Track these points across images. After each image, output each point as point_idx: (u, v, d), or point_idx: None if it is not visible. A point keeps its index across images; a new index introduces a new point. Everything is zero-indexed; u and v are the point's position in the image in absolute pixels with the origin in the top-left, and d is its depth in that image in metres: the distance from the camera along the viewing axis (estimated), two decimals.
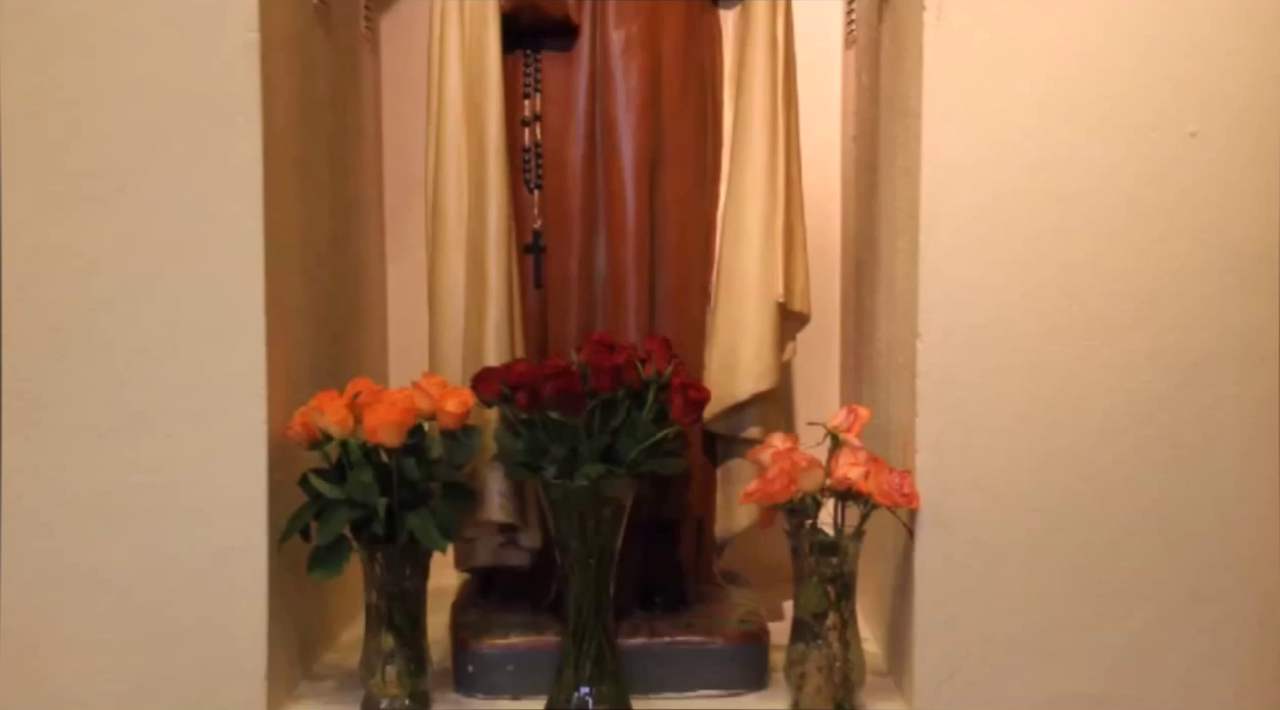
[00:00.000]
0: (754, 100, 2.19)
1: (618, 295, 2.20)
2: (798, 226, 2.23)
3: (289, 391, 2.02)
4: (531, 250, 2.21)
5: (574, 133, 2.20)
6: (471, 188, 2.16)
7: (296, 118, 2.10)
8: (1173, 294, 1.94)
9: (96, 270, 1.92)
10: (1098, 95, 1.92)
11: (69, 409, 1.93)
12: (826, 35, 2.69)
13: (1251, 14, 1.91)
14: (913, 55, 1.97)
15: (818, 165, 2.59)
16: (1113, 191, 1.93)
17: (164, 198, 1.91)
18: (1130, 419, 1.95)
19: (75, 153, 1.91)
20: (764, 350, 2.18)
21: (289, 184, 2.06)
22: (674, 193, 2.22)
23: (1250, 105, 1.92)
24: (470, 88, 2.16)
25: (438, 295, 2.20)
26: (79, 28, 1.90)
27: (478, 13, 2.15)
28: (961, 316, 1.95)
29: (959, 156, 1.93)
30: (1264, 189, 1.93)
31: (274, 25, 1.96)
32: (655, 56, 2.19)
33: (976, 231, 1.94)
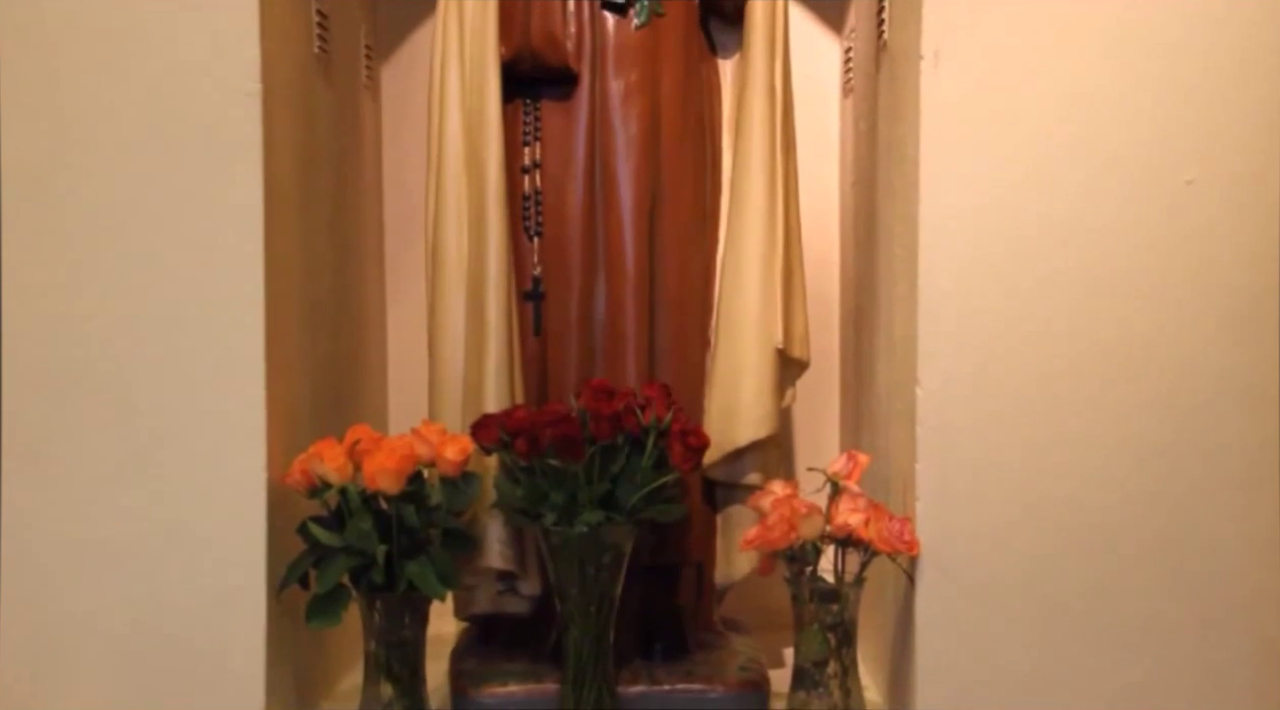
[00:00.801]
0: (753, 147, 2.20)
1: (617, 341, 2.21)
2: (797, 273, 2.24)
3: (288, 438, 2.02)
4: (531, 297, 2.22)
5: (573, 180, 2.21)
6: (471, 235, 2.17)
7: (297, 166, 2.12)
8: (1171, 340, 1.94)
9: (97, 317, 1.92)
10: (1095, 143, 1.93)
11: (69, 454, 1.93)
12: (824, 83, 2.70)
13: (1247, 62, 1.92)
14: (910, 103, 1.99)
15: (817, 212, 2.60)
16: (1110, 238, 1.93)
17: (165, 244, 1.92)
18: (1130, 465, 1.95)
19: (77, 200, 1.92)
20: (763, 396, 2.18)
21: (290, 231, 2.07)
22: (673, 239, 2.23)
23: (1246, 153, 1.93)
24: (470, 135, 2.17)
25: (438, 341, 2.20)
26: (83, 75, 1.91)
27: (478, 61, 2.16)
28: (961, 363, 1.95)
29: (957, 203, 1.94)
30: (1261, 235, 1.93)
31: (275, 75, 1.97)
32: (654, 105, 2.21)
33: (975, 278, 1.94)
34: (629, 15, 2.20)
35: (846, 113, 2.64)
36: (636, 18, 2.20)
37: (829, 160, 2.71)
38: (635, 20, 2.20)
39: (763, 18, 2.20)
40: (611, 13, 2.20)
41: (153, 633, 1.94)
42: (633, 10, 2.20)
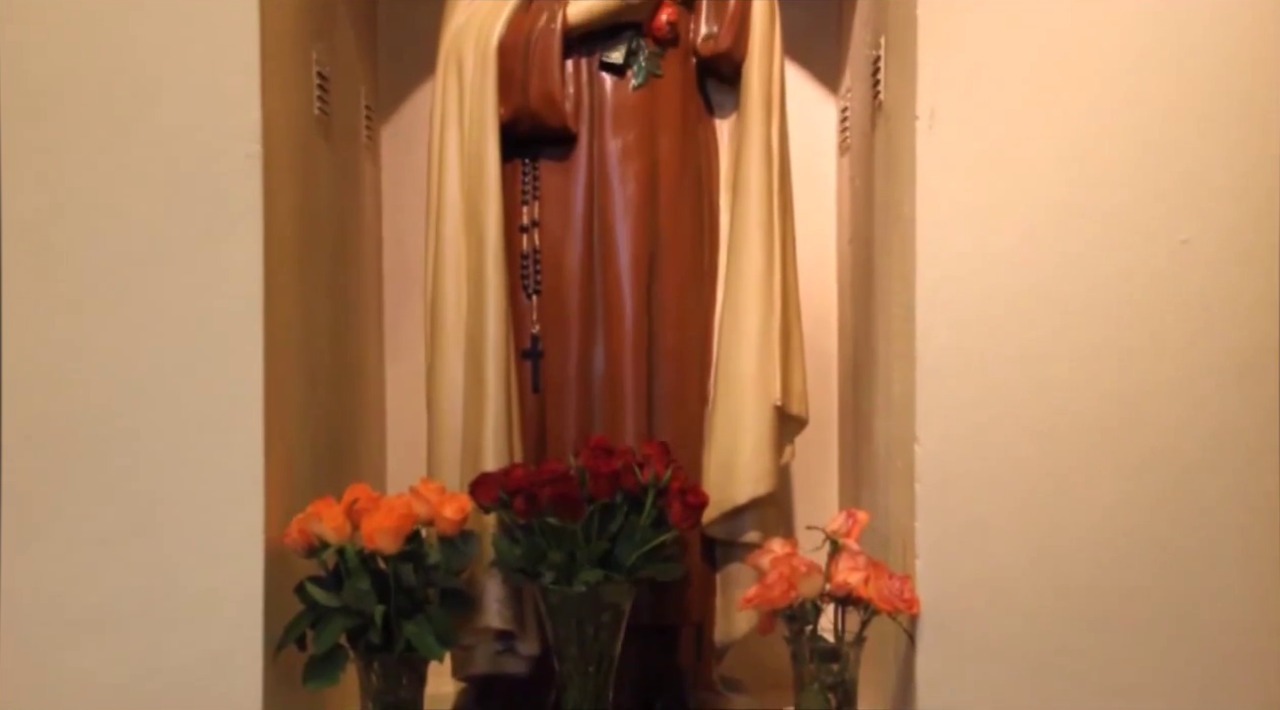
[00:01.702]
0: (750, 206, 2.21)
1: (616, 399, 2.21)
2: (795, 330, 2.24)
3: (287, 497, 2.02)
4: (530, 355, 2.22)
5: (572, 238, 2.22)
6: (470, 293, 2.18)
7: (297, 225, 2.13)
8: (1169, 397, 1.94)
9: (96, 376, 1.92)
10: (1089, 202, 1.94)
11: (66, 513, 1.92)
12: (821, 142, 2.72)
13: (1240, 122, 1.94)
14: (905, 162, 2.00)
15: (814, 269, 2.61)
16: (1106, 297, 1.94)
17: (165, 305, 1.92)
18: (1130, 522, 1.95)
19: (77, 259, 1.92)
20: (762, 453, 2.18)
21: (289, 291, 2.08)
22: (671, 297, 2.24)
23: (1241, 213, 1.94)
24: (469, 195, 2.19)
25: (436, 400, 2.21)
26: (85, 135, 1.92)
27: (477, 122, 2.18)
28: (959, 420, 1.95)
29: (953, 262, 1.95)
30: (1258, 294, 1.94)
31: (276, 137, 1.98)
32: (652, 164, 2.23)
33: (972, 336, 1.95)
34: (627, 76, 2.22)
35: (843, 171, 2.66)
36: (634, 79, 2.22)
37: (826, 218, 2.72)
38: (633, 81, 2.22)
39: (759, 78, 2.23)
40: (609, 74, 2.23)
41: (149, 694, 1.92)
42: (630, 71, 2.22)
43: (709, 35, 2.27)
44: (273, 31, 1.97)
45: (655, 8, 2.22)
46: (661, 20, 2.23)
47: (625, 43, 2.22)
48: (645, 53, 2.23)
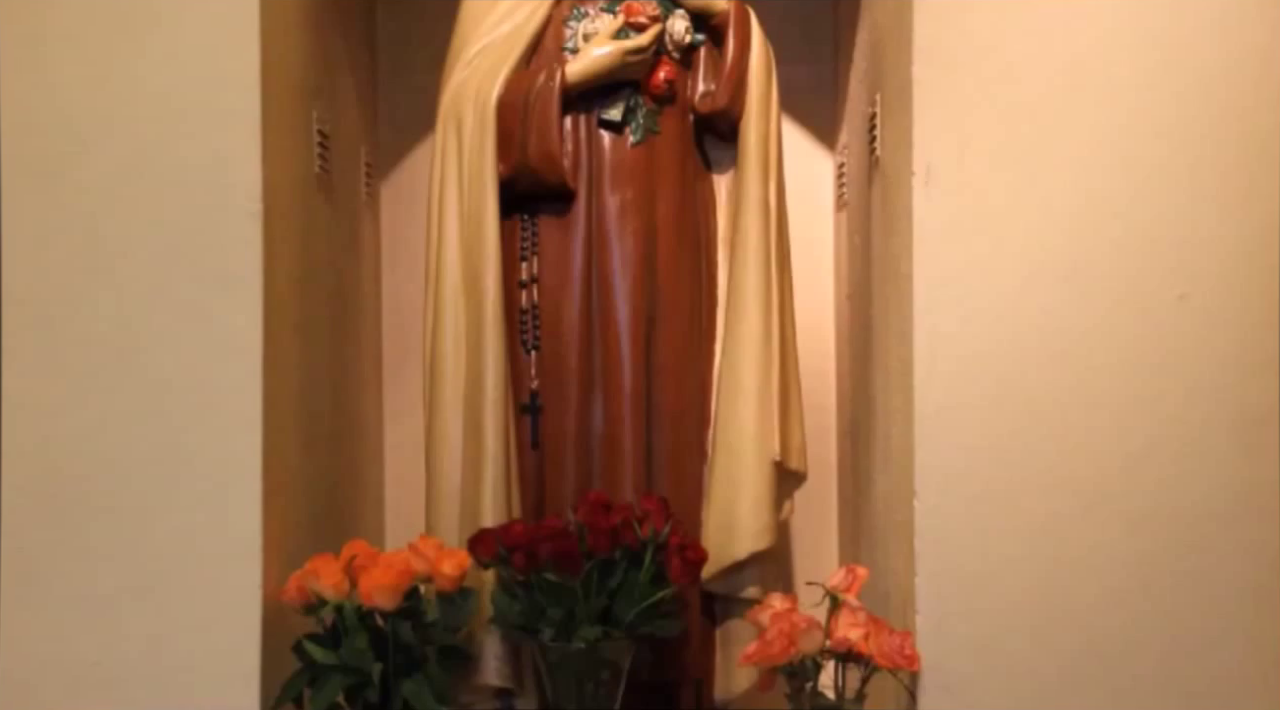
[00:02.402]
0: (748, 261, 2.22)
1: (614, 454, 2.21)
2: (793, 385, 2.25)
3: (285, 554, 2.01)
4: (529, 410, 2.22)
5: (571, 295, 2.23)
6: (469, 349, 2.18)
7: (297, 282, 2.13)
8: (1168, 453, 1.94)
9: (95, 434, 1.93)
10: (1086, 258, 1.95)
11: (66, 576, 1.92)
12: (818, 198, 2.74)
13: (1235, 178, 1.95)
14: (902, 218, 2.01)
15: (812, 324, 2.62)
16: (1103, 353, 1.95)
17: (164, 363, 1.93)
18: (1130, 579, 1.94)
19: (77, 318, 1.93)
20: (761, 509, 2.18)
21: (288, 347, 2.08)
22: (670, 352, 2.24)
23: (1238, 267, 1.95)
24: (468, 251, 2.20)
25: (435, 456, 2.20)
26: (85, 195, 1.93)
27: (476, 179, 2.19)
28: (957, 476, 1.95)
29: (950, 317, 1.95)
30: (1257, 349, 1.94)
31: (276, 195, 2.00)
32: (650, 220, 2.24)
33: (970, 391, 1.95)
34: (625, 133, 2.24)
35: (840, 227, 2.67)
36: (632, 136, 2.24)
37: (824, 273, 2.73)
38: (631, 138, 2.24)
39: (756, 135, 2.24)
40: (608, 131, 2.24)
41: None
42: (629, 129, 2.23)
43: (707, 93, 2.29)
44: (274, 90, 1.98)
45: (653, 66, 2.24)
46: (659, 78, 2.25)
47: (623, 100, 2.24)
48: (643, 110, 2.24)
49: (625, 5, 2.22)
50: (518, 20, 2.24)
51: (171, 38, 1.93)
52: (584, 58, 2.20)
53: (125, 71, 1.93)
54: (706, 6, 2.27)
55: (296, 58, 2.15)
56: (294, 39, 2.13)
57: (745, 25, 2.26)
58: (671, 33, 2.25)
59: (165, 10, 1.93)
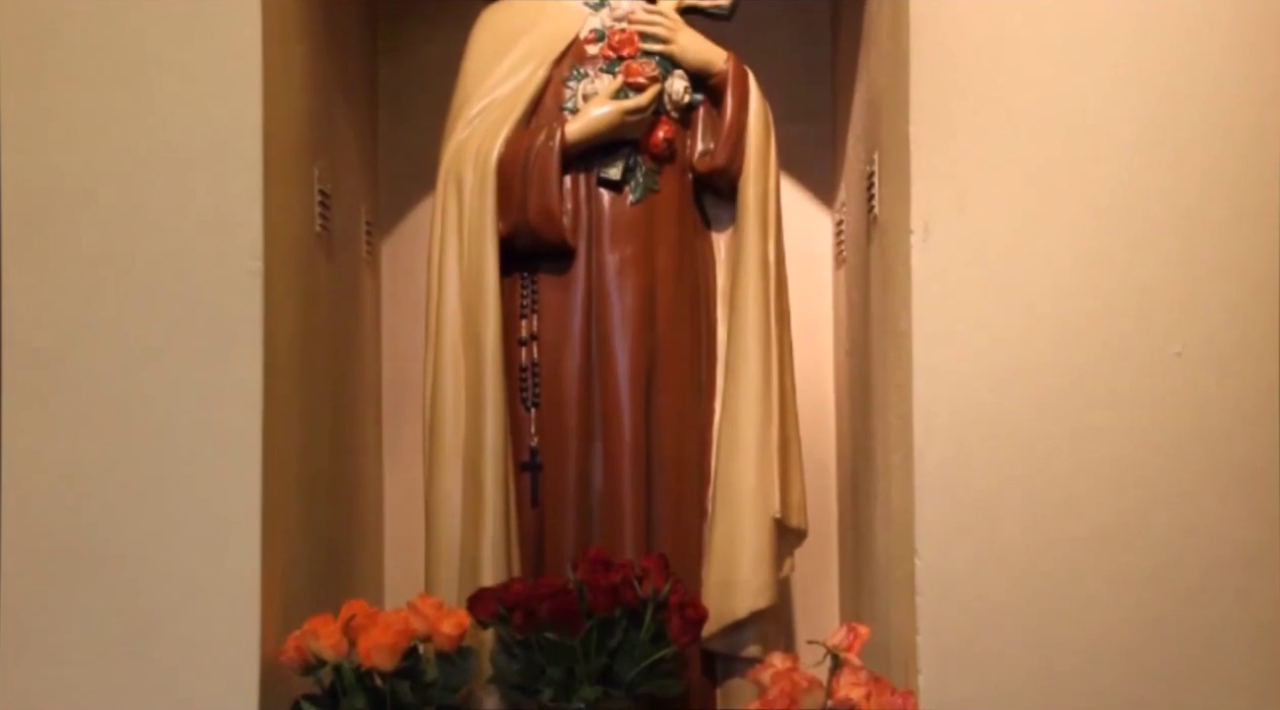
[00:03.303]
0: (747, 318, 2.23)
1: (614, 511, 2.21)
2: (793, 442, 2.25)
3: (284, 613, 2.00)
4: (528, 468, 2.22)
5: (570, 352, 2.24)
6: (469, 407, 2.19)
7: (297, 341, 2.14)
8: (1167, 510, 1.94)
9: (94, 490, 1.92)
10: (1083, 315, 1.95)
11: (62, 630, 1.91)
12: (817, 255, 2.75)
13: (1231, 233, 1.96)
14: (901, 275, 2.02)
15: (812, 381, 2.62)
16: (1101, 408, 1.95)
17: (165, 419, 1.93)
18: (1132, 637, 1.93)
19: (77, 375, 1.93)
20: (761, 567, 2.17)
21: (289, 406, 2.08)
22: (669, 410, 2.24)
23: (1234, 325, 1.95)
24: (468, 309, 2.20)
25: (434, 513, 2.20)
26: (87, 253, 1.94)
27: (476, 237, 2.20)
28: (958, 533, 1.94)
29: (949, 374, 1.96)
30: (1253, 405, 1.95)
31: (277, 253, 2.00)
32: (649, 277, 2.25)
33: (970, 449, 1.95)
34: (624, 192, 2.25)
35: (839, 284, 2.68)
36: (631, 194, 2.25)
37: (823, 330, 2.74)
38: (630, 196, 2.25)
39: (755, 193, 2.26)
40: (607, 189, 2.25)
41: None
42: (628, 187, 2.25)
43: (705, 151, 2.30)
44: (276, 148, 1.99)
45: (652, 125, 2.26)
46: (658, 137, 2.26)
47: (623, 159, 2.25)
48: (643, 169, 2.26)
49: (624, 66, 2.24)
50: (518, 80, 2.26)
51: (174, 95, 1.94)
52: (584, 117, 2.22)
53: (128, 129, 1.94)
54: (705, 66, 2.29)
55: (298, 116, 2.16)
56: (296, 97, 2.15)
57: (743, 85, 2.28)
58: (670, 92, 2.27)
59: (168, 67, 1.94)
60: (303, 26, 2.19)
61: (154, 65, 1.95)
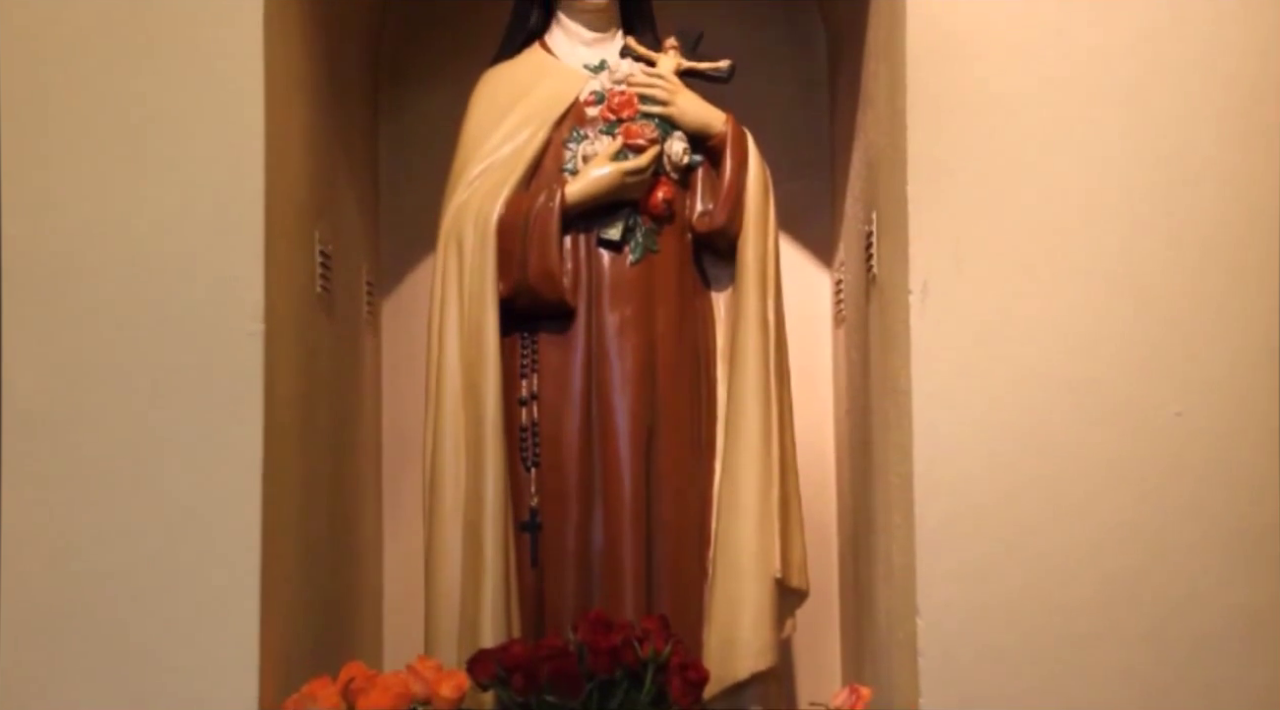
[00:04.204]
0: (747, 377, 2.23)
1: (615, 572, 2.20)
2: (794, 501, 2.24)
3: (282, 676, 1.99)
4: (528, 528, 2.22)
5: (570, 411, 2.24)
6: (469, 466, 2.18)
7: (297, 402, 2.14)
8: (1170, 573, 1.93)
9: (93, 551, 1.92)
10: (1082, 375, 1.96)
11: (61, 692, 1.90)
12: (816, 314, 2.75)
13: (1231, 294, 1.97)
14: (900, 334, 2.02)
15: (812, 440, 2.62)
16: (1102, 469, 1.95)
17: (164, 481, 1.93)
18: (1133, 698, 1.92)
19: (77, 436, 1.93)
20: (762, 627, 2.16)
21: (289, 465, 2.08)
22: (670, 470, 2.24)
23: (1234, 386, 1.95)
24: (469, 369, 2.21)
25: (434, 573, 2.19)
26: (88, 315, 1.95)
27: (476, 297, 2.21)
28: (960, 593, 1.94)
29: (950, 433, 1.96)
30: (1254, 467, 1.95)
31: (278, 314, 2.01)
32: (649, 337, 2.25)
33: (971, 507, 1.95)
34: (624, 252, 2.26)
35: (839, 343, 2.68)
36: (631, 254, 2.26)
37: (823, 389, 2.74)
38: (630, 257, 2.26)
39: (754, 253, 2.27)
40: (607, 249, 2.26)
41: None
42: (628, 247, 2.26)
43: (705, 212, 2.31)
44: (277, 211, 2.01)
45: (651, 186, 2.27)
46: (658, 198, 2.27)
47: (622, 219, 2.26)
48: (642, 229, 2.27)
49: (624, 128, 2.26)
50: (518, 142, 2.27)
51: (177, 157, 1.96)
52: (583, 178, 2.23)
53: (131, 190, 1.96)
54: (704, 128, 2.30)
55: (300, 178, 2.18)
56: (298, 160, 2.16)
57: (742, 146, 2.29)
58: (669, 154, 2.28)
59: (171, 129, 1.96)
60: (305, 89, 2.21)
61: (157, 127, 1.97)
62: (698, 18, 2.40)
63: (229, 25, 1.96)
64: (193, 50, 1.96)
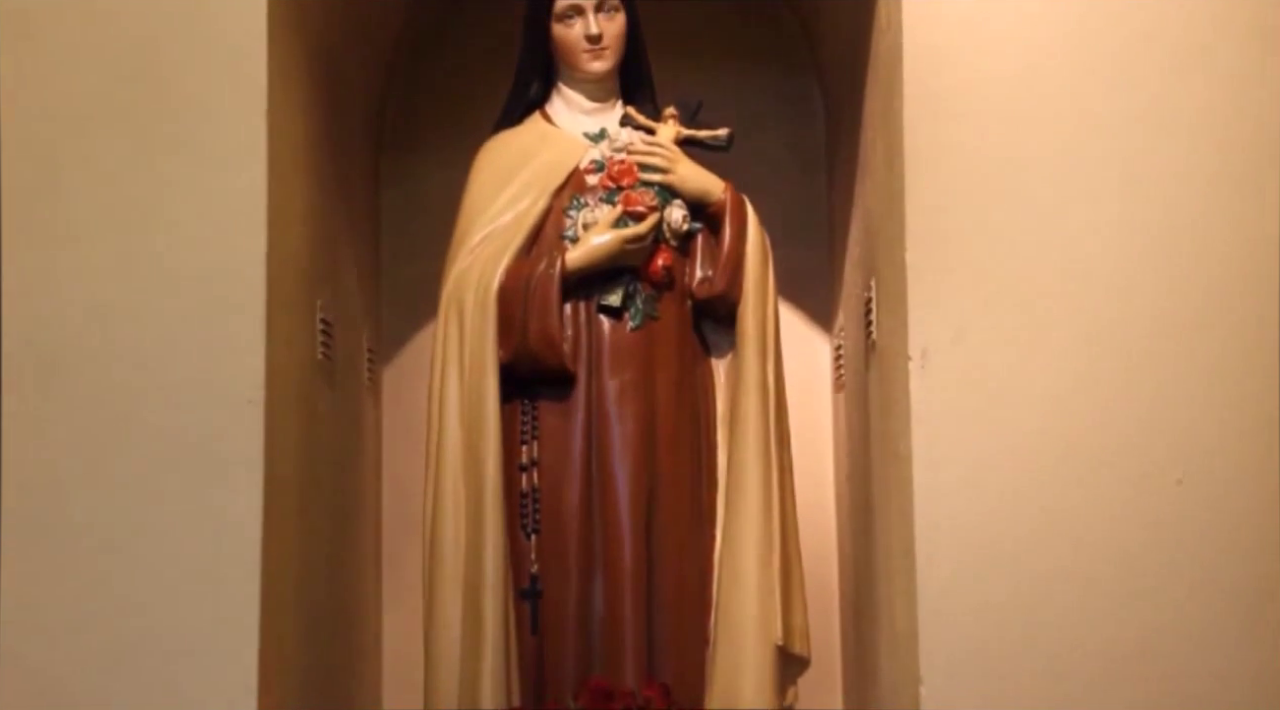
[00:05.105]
0: (747, 443, 2.23)
1: (615, 639, 2.18)
2: (795, 567, 2.24)
3: None
4: (529, 595, 2.21)
5: (571, 477, 2.24)
6: (469, 533, 2.18)
7: (298, 470, 2.14)
8: (1172, 640, 1.92)
9: (91, 622, 1.91)
10: (1083, 442, 1.96)
11: None
12: (816, 380, 2.76)
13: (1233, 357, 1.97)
14: (900, 400, 2.03)
15: (812, 505, 2.61)
16: (1104, 537, 1.94)
17: (163, 548, 1.92)
18: None
19: (75, 501, 1.93)
20: (765, 695, 2.15)
21: (288, 534, 2.07)
22: (670, 536, 2.23)
23: (1235, 454, 1.95)
24: (469, 435, 2.21)
25: (434, 641, 2.18)
26: (89, 382, 1.95)
27: (477, 364, 2.22)
28: (963, 659, 1.92)
29: (950, 499, 1.95)
30: (1256, 533, 1.94)
31: (278, 383, 2.01)
32: (649, 403, 2.25)
33: (973, 574, 1.94)
34: (624, 318, 2.26)
35: (839, 408, 2.69)
36: (631, 321, 2.27)
37: (823, 455, 2.74)
38: (630, 323, 2.27)
39: (754, 319, 2.27)
40: (607, 316, 2.27)
41: None
42: (628, 314, 2.26)
43: (704, 279, 2.32)
44: (279, 280, 2.01)
45: (651, 253, 2.28)
46: (658, 265, 2.28)
47: (623, 286, 2.27)
48: (642, 295, 2.28)
49: (624, 196, 2.27)
50: (519, 210, 2.29)
51: (179, 225, 1.97)
52: (584, 246, 2.24)
53: (134, 261, 1.96)
54: (703, 195, 2.32)
55: (302, 246, 2.19)
56: (300, 230, 2.18)
57: (741, 212, 2.31)
58: (669, 221, 2.30)
59: (173, 201, 1.97)
60: (308, 157, 2.23)
61: (161, 200, 1.98)
62: (696, 87, 2.42)
63: (232, 96, 1.98)
64: (196, 121, 1.98)
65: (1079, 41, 2.01)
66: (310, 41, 2.22)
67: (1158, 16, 2.01)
